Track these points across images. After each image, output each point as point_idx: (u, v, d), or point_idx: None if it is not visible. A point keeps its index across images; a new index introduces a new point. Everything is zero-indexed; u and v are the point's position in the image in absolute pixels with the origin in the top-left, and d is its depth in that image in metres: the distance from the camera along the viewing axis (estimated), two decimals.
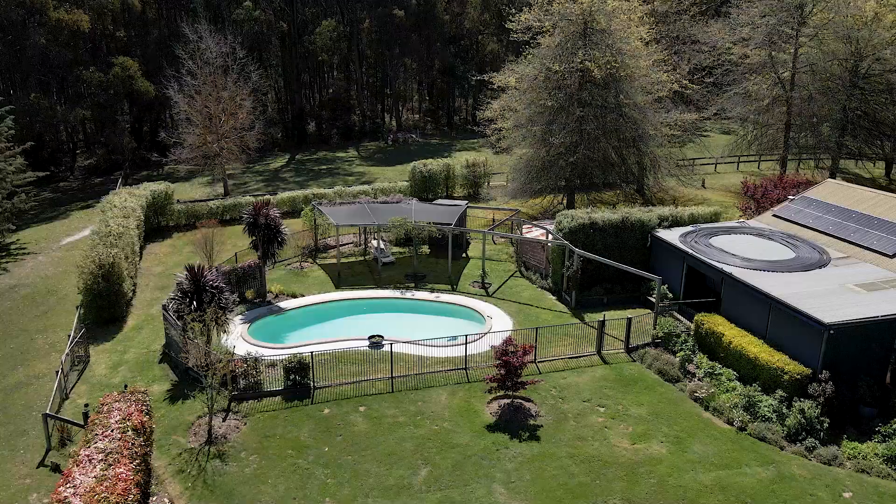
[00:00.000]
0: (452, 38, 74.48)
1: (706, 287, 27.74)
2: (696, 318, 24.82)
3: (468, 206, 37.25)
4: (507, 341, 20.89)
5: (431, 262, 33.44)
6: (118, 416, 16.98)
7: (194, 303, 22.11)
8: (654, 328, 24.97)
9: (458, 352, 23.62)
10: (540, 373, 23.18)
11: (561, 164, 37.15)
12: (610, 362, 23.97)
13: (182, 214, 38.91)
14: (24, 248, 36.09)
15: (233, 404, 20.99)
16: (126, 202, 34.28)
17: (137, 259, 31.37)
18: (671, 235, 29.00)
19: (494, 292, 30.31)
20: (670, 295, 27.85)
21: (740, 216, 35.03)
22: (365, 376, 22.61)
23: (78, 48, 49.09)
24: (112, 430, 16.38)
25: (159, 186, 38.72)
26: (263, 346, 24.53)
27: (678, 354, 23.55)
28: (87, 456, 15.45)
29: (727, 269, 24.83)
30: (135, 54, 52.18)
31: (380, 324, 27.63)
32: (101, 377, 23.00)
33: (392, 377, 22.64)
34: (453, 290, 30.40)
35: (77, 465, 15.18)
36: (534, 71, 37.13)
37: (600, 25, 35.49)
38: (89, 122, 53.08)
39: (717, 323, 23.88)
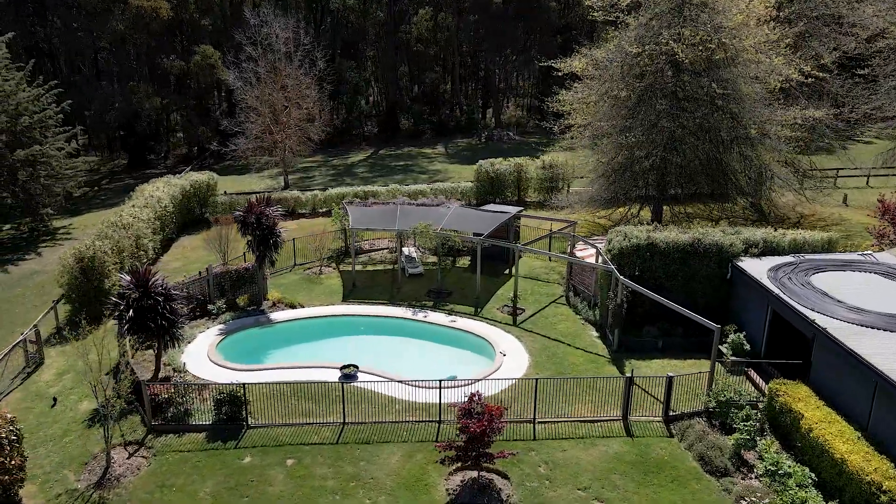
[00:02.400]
0: (563, 29, 68.07)
1: (800, 341, 20.47)
2: (770, 385, 17.96)
3: (521, 215, 31.83)
4: (472, 399, 15.70)
5: (467, 276, 28.53)
6: None
7: (131, 312, 19.10)
8: (709, 392, 18.42)
9: (447, 396, 18.63)
10: (535, 438, 17.67)
11: (636, 170, 30.53)
12: (635, 434, 17.86)
13: (224, 207, 37.05)
14: (69, 234, 35.97)
15: (150, 437, 17.70)
16: (156, 192, 32.79)
17: (150, 252, 29.49)
18: (757, 267, 21.95)
19: (525, 321, 24.85)
20: (746, 346, 20.96)
21: (871, 246, 26.54)
22: (316, 417, 18.40)
23: (156, 35, 49.26)
24: None
25: (202, 176, 37.17)
26: (224, 367, 21.16)
27: (735, 435, 16.93)
28: None
29: (819, 320, 17.75)
30: (215, 43, 51.97)
31: (372, 348, 23.45)
32: (41, 385, 20.77)
33: (343, 423, 18.25)
34: (476, 314, 25.35)
35: None
36: (609, 55, 30.78)
37: None
38: (180, 111, 53.74)
39: (798, 396, 16.99)
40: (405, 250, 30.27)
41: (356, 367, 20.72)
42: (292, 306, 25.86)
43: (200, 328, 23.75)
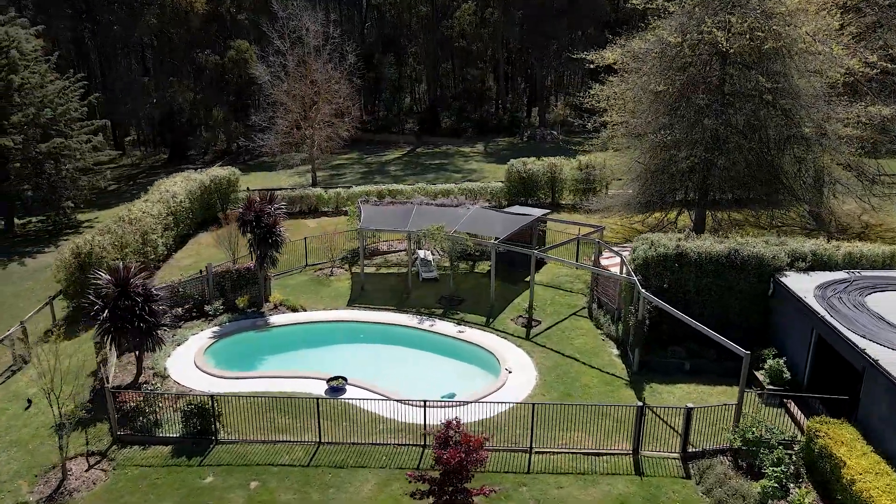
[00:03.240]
0: (614, 23, 64.82)
1: (849, 372, 17.65)
2: (809, 423, 15.36)
3: (547, 218, 29.63)
4: (450, 425, 13.81)
5: (485, 283, 26.48)
6: None
7: (106, 312, 18.07)
8: (735, 427, 15.92)
9: (436, 417, 16.76)
10: (529, 470, 15.63)
11: (674, 171, 27.82)
12: (646, 472, 15.58)
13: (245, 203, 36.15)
14: (92, 228, 35.79)
15: (115, 448, 16.57)
16: (173, 187, 32.16)
17: (160, 248, 28.75)
18: (803, 283, 19.22)
19: (539, 334, 22.73)
20: (786, 374, 18.30)
21: None
22: (291, 434, 16.88)
23: (193, 31, 49.18)
24: None
25: (222, 172, 36.41)
26: (209, 373, 19.92)
27: (763, 481, 14.45)
28: None
29: (872, 350, 15.06)
30: (257, 38, 51.58)
31: (369, 359, 21.86)
32: (21, 385, 20.03)
33: (319, 442, 16.66)
34: (487, 325, 23.39)
35: None
36: (647, 46, 28.15)
37: None
38: (217, 106, 53.63)
39: (841, 439, 14.38)
40: (420, 253, 28.56)
41: (345, 379, 19.13)
42: (294, 309, 24.53)
43: (194, 330, 22.67)
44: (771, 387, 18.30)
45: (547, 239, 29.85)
